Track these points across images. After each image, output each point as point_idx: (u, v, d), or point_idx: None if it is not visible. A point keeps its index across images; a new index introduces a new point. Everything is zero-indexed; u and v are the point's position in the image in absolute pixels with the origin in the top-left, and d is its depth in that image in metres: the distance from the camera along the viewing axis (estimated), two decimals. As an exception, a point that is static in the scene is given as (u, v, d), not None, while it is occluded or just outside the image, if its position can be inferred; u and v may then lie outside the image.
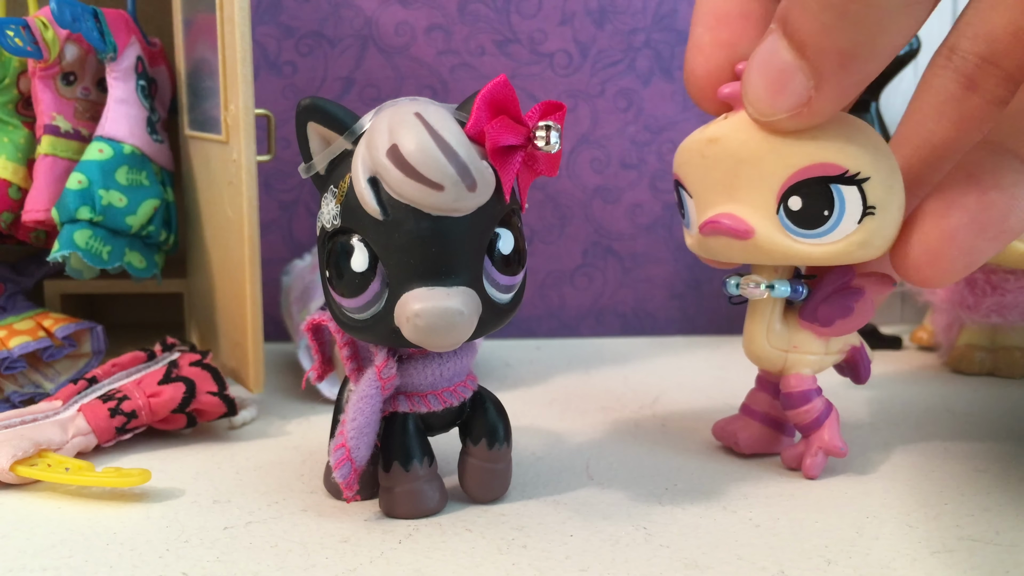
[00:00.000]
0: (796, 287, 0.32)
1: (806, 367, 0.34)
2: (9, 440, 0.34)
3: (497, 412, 0.32)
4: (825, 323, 0.33)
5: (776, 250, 0.30)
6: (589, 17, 0.56)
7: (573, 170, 0.58)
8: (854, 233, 0.29)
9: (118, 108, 0.46)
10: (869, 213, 0.28)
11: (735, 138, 0.29)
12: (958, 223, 0.26)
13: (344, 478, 0.29)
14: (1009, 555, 0.28)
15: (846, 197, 0.28)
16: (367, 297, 0.28)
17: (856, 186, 0.28)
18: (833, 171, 0.28)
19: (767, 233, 0.29)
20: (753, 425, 0.36)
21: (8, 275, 0.49)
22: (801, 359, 0.34)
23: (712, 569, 0.27)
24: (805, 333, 0.33)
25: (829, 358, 0.34)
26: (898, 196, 0.29)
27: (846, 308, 0.32)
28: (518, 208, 0.30)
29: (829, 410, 0.34)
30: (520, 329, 0.59)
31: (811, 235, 0.29)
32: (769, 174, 0.29)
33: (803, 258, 0.30)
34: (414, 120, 0.27)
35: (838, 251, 0.29)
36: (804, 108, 0.26)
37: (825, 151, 0.28)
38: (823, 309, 0.33)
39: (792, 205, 0.29)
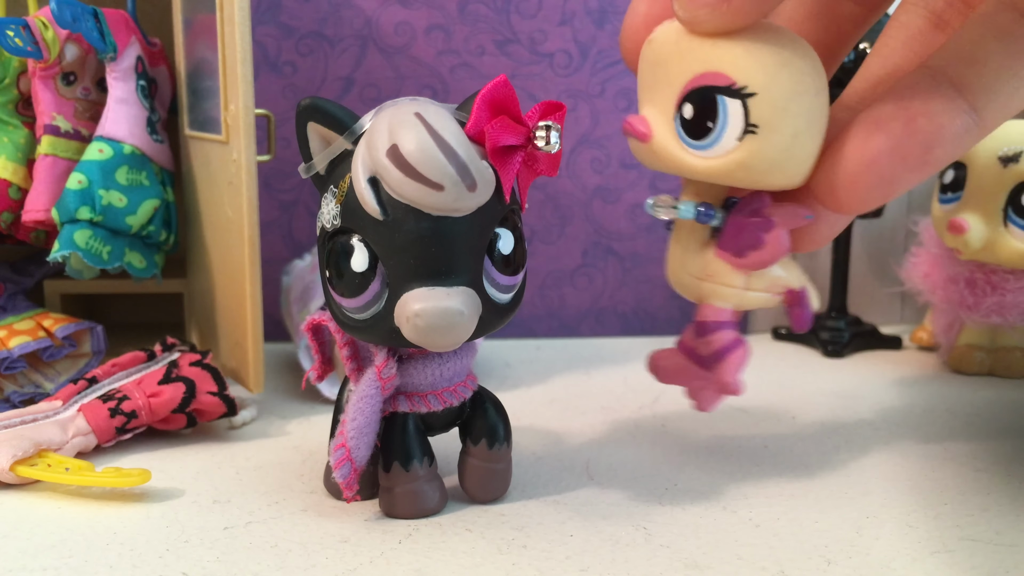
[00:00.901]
0: (702, 209, 0.30)
1: (722, 299, 0.31)
2: (9, 440, 0.34)
3: (497, 412, 0.32)
4: (736, 253, 0.30)
5: (668, 157, 0.28)
6: (589, 17, 0.56)
7: (573, 170, 0.58)
8: (734, 150, 0.27)
9: (118, 108, 0.46)
10: (750, 131, 0.26)
11: (661, 39, 0.28)
12: (880, 148, 0.25)
13: (344, 478, 0.29)
14: (1009, 555, 0.28)
15: (729, 110, 0.26)
16: (367, 297, 0.28)
17: (740, 100, 0.26)
18: (720, 81, 0.26)
19: (662, 138, 0.28)
20: (678, 356, 0.34)
21: (8, 275, 0.49)
22: (716, 290, 0.31)
23: (712, 569, 0.27)
24: (719, 262, 0.31)
25: (752, 295, 0.31)
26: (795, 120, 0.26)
27: (756, 239, 0.30)
28: (518, 208, 0.30)
29: (737, 345, 0.31)
30: (520, 329, 0.59)
31: (697, 146, 0.28)
32: (674, 78, 0.27)
33: (689, 169, 0.28)
34: (414, 120, 0.27)
35: (718, 167, 0.27)
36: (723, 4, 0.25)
37: (718, 60, 0.26)
38: (736, 239, 0.30)
39: (685, 112, 0.27)
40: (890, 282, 0.59)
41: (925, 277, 0.53)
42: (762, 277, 0.31)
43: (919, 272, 0.53)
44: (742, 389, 0.31)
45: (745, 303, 0.32)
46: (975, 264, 0.50)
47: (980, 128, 0.25)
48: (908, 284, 0.54)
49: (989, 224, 0.47)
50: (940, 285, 0.52)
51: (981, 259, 0.49)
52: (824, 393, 0.47)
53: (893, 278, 0.57)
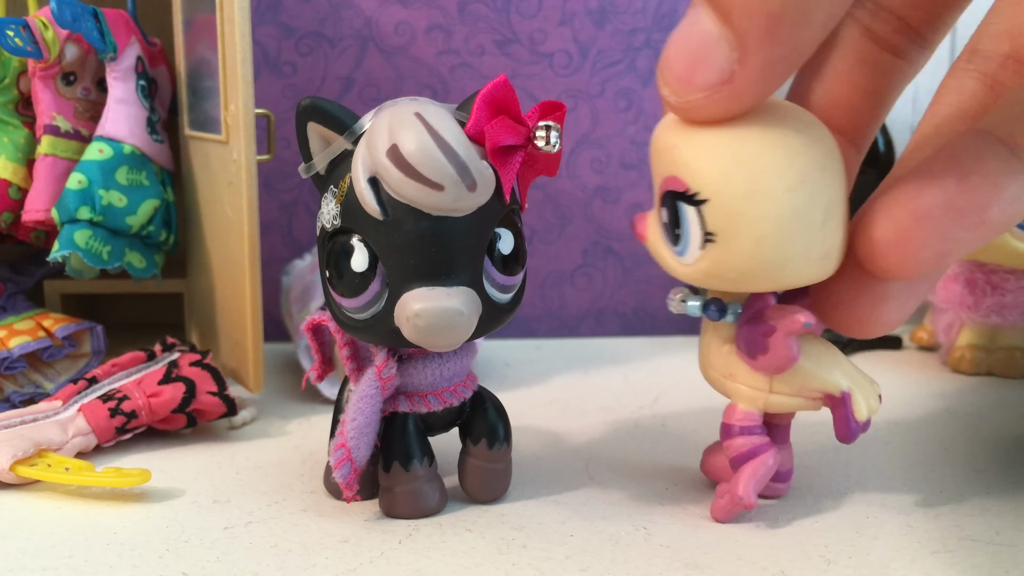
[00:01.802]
0: (711, 308, 0.29)
1: (743, 400, 0.30)
2: (9, 440, 0.34)
3: (497, 412, 0.32)
4: (748, 355, 0.29)
5: (661, 260, 0.28)
6: (589, 17, 0.56)
7: (573, 170, 0.58)
8: (700, 259, 0.26)
9: (118, 108, 0.46)
10: (708, 239, 0.25)
11: (658, 133, 0.26)
12: (932, 203, 0.23)
13: (344, 478, 0.29)
14: (1009, 555, 0.28)
15: (688, 218, 0.25)
16: (367, 297, 0.28)
17: (695, 208, 0.25)
18: (677, 186, 0.25)
19: (654, 241, 0.28)
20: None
21: (8, 275, 0.49)
22: (738, 390, 0.30)
23: (712, 569, 0.27)
24: (741, 363, 0.29)
25: (777, 398, 0.29)
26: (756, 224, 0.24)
27: (762, 344, 0.28)
28: (518, 208, 0.30)
29: (755, 454, 0.30)
30: (520, 329, 0.59)
31: (676, 252, 0.26)
32: (656, 178, 0.27)
33: (675, 273, 0.27)
34: (414, 120, 0.27)
35: (692, 274, 0.26)
36: (725, 86, 0.22)
37: (677, 163, 0.25)
38: (746, 340, 0.29)
39: (663, 216, 0.26)
40: (890, 282, 0.59)
41: (925, 277, 0.53)
42: (788, 380, 0.29)
43: (919, 272, 0.53)
44: (754, 504, 0.29)
45: (772, 407, 0.30)
46: (975, 264, 0.50)
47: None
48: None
49: (989, 224, 0.47)
50: (940, 285, 0.52)
51: (981, 259, 0.49)
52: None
53: (893, 278, 0.57)
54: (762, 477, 0.29)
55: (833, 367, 0.29)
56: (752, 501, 0.29)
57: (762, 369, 0.29)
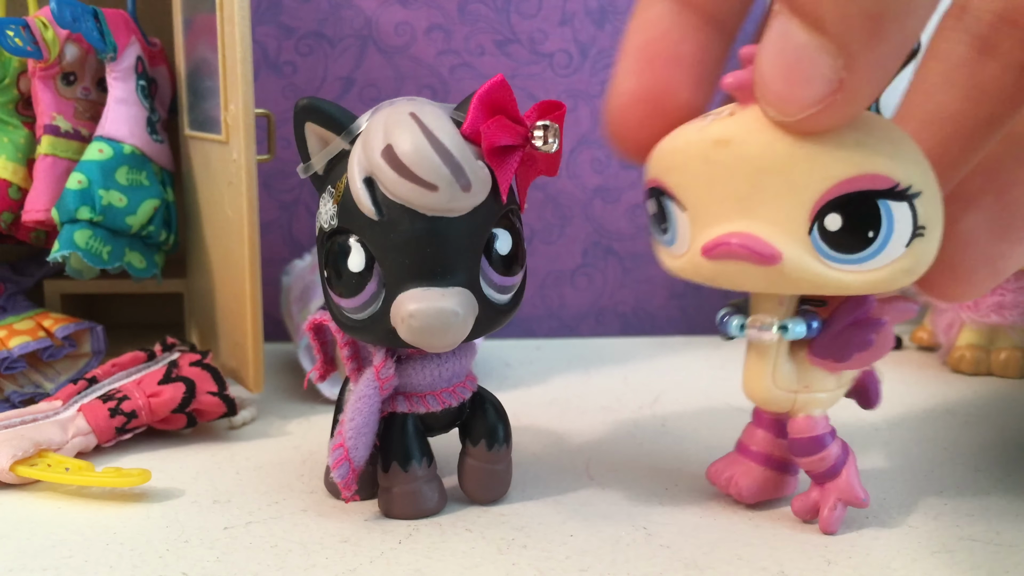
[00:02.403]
0: (811, 323, 0.28)
1: (818, 407, 0.30)
2: (9, 440, 0.34)
3: (497, 413, 0.32)
4: (841, 359, 0.28)
5: (806, 278, 0.24)
6: (589, 17, 0.56)
7: (573, 170, 0.58)
8: (901, 258, 0.24)
9: (118, 108, 0.46)
10: (919, 234, 0.24)
11: (755, 141, 0.24)
12: (975, 225, 0.23)
13: (342, 478, 0.29)
14: (1009, 555, 0.28)
15: (895, 216, 0.23)
16: (364, 297, 0.28)
17: (908, 202, 0.23)
18: (882, 184, 0.23)
19: (796, 258, 0.24)
20: (754, 469, 0.32)
21: (8, 275, 0.49)
22: (813, 399, 0.29)
23: (712, 569, 0.27)
24: (817, 371, 0.29)
25: (841, 391, 0.30)
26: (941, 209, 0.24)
27: (865, 341, 0.28)
28: (517, 208, 0.30)
29: (846, 455, 0.30)
30: (520, 329, 0.59)
31: (850, 260, 0.24)
32: (802, 187, 0.23)
33: (837, 287, 0.25)
34: (409, 120, 0.27)
35: (880, 279, 0.24)
36: (836, 95, 0.21)
37: (872, 160, 0.23)
38: (839, 343, 0.28)
39: (829, 225, 0.24)
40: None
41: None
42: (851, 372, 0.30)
43: (919, 272, 0.53)
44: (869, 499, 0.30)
45: (835, 402, 0.30)
46: (975, 264, 0.50)
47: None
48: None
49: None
50: (940, 285, 0.51)
51: (981, 259, 0.49)
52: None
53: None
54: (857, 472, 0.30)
55: None
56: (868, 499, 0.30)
57: (851, 367, 0.29)
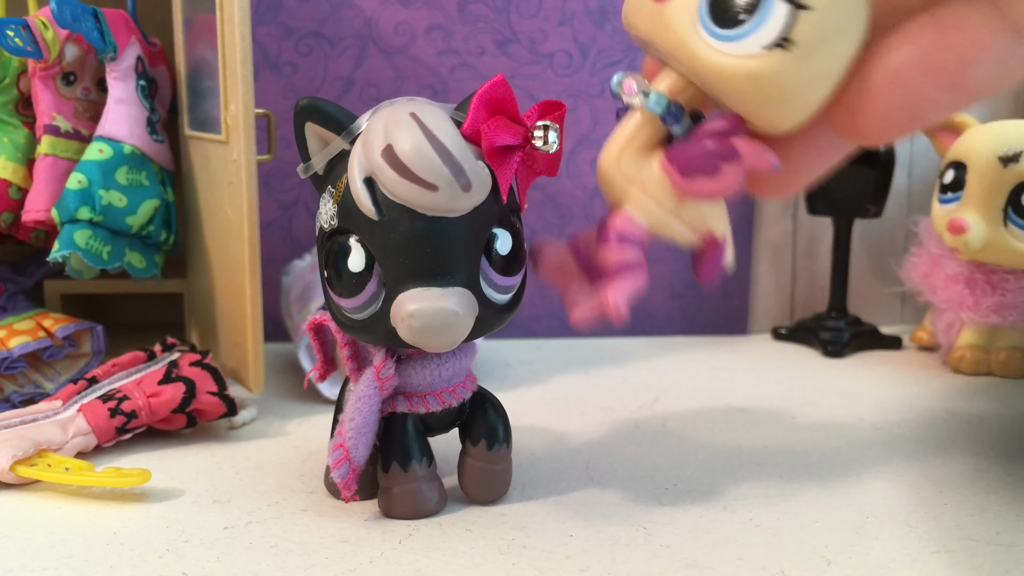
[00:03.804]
0: (674, 110, 0.26)
1: (643, 213, 0.27)
2: (9, 440, 0.34)
3: (497, 413, 0.32)
4: (684, 172, 0.26)
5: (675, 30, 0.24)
6: (589, 17, 0.56)
7: (573, 170, 0.58)
8: (754, 57, 0.23)
9: (118, 108, 0.46)
10: (782, 44, 0.23)
11: None
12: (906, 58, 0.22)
13: (342, 478, 0.29)
14: (1009, 555, 0.28)
15: (773, 9, 0.23)
16: (364, 297, 0.28)
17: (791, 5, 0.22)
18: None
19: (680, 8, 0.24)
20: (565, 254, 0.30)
21: (8, 275, 0.49)
22: (641, 201, 0.27)
23: (712, 569, 0.27)
24: (659, 175, 0.26)
25: (673, 221, 0.27)
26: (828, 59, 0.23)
27: (713, 165, 0.26)
28: (517, 208, 0.30)
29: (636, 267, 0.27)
30: (520, 329, 0.59)
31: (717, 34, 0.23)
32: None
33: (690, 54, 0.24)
34: (409, 120, 0.27)
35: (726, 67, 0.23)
36: None
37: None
38: (687, 155, 0.26)
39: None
40: (890, 282, 0.59)
41: (925, 277, 0.53)
42: (693, 209, 0.27)
43: (919, 272, 0.53)
44: (624, 315, 0.27)
45: (664, 228, 0.27)
46: (975, 264, 0.50)
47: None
48: (908, 284, 0.54)
49: (989, 224, 0.47)
50: (940, 285, 0.52)
51: (981, 259, 0.49)
52: (824, 393, 0.47)
53: (893, 278, 0.57)
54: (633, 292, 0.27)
55: (723, 211, 0.28)
56: (626, 313, 0.27)
57: (688, 190, 0.26)
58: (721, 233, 0.28)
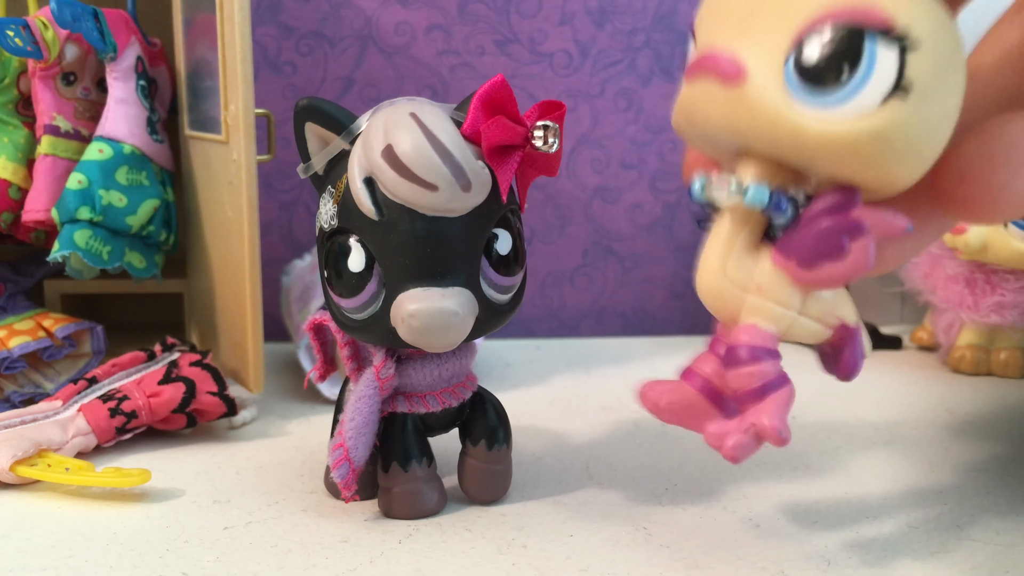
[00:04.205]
0: (779, 198, 0.23)
1: (767, 319, 0.24)
2: (9, 440, 0.34)
3: (497, 413, 0.32)
4: (805, 262, 0.23)
5: (764, 108, 0.21)
6: (589, 17, 0.56)
7: (573, 170, 0.58)
8: (873, 113, 0.21)
9: (118, 108, 0.46)
10: (900, 91, 0.20)
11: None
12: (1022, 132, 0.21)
13: (342, 478, 0.29)
14: (1009, 555, 0.28)
15: (878, 58, 0.20)
16: (364, 297, 0.28)
17: (898, 49, 0.20)
18: (873, 19, 0.20)
19: (760, 82, 0.21)
20: (686, 390, 0.27)
21: (8, 275, 0.49)
22: (762, 306, 0.24)
23: (712, 569, 0.27)
24: (776, 272, 0.24)
25: (802, 321, 0.25)
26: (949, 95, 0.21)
27: (837, 246, 0.23)
28: (517, 208, 0.30)
29: (781, 383, 0.25)
30: (520, 329, 0.59)
31: (815, 98, 0.21)
32: (795, 10, 0.21)
33: (791, 127, 0.21)
34: (409, 120, 0.27)
35: (842, 132, 0.21)
36: None
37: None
38: (806, 242, 0.23)
39: (807, 54, 0.21)
40: (890, 282, 0.59)
41: (925, 277, 0.53)
42: (821, 301, 0.25)
43: (919, 272, 0.53)
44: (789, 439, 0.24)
45: (794, 331, 0.25)
46: (975, 264, 0.50)
47: None
48: (908, 284, 0.54)
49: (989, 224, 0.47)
50: (940, 285, 0.52)
51: (981, 259, 0.49)
52: (824, 393, 0.47)
53: (893, 278, 0.57)
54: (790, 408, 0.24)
55: (848, 297, 0.26)
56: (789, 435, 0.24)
57: (815, 281, 0.23)
58: (854, 321, 0.26)
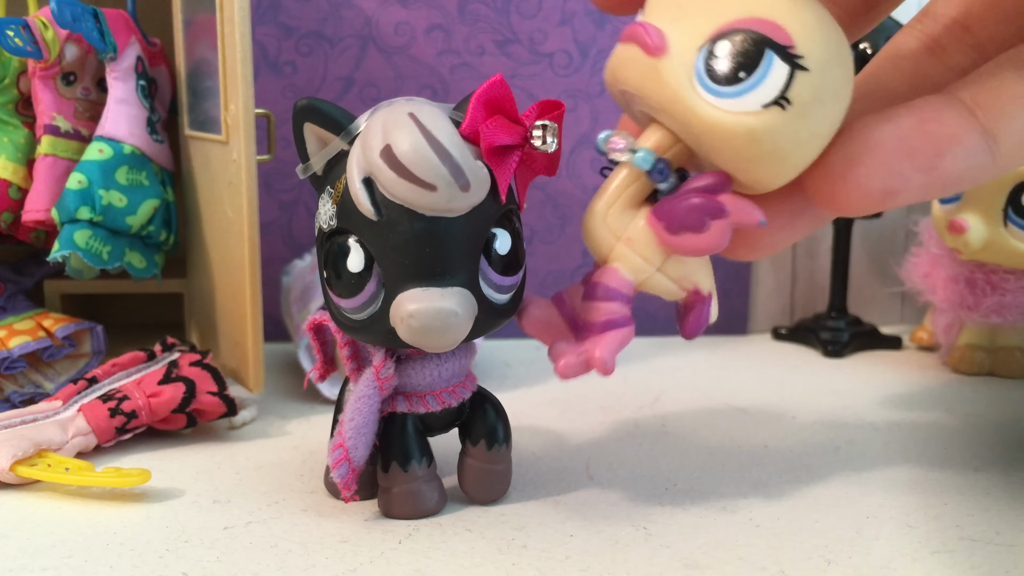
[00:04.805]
0: (662, 167, 0.27)
1: (630, 269, 0.28)
2: (9, 440, 0.34)
3: (496, 413, 0.32)
4: (671, 228, 0.27)
5: (671, 85, 0.24)
6: (589, 17, 0.56)
7: (573, 170, 0.58)
8: (753, 114, 0.24)
9: (118, 108, 0.46)
10: (780, 103, 0.23)
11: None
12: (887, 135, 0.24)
13: (342, 478, 0.29)
14: (1009, 555, 0.28)
15: (772, 71, 0.23)
16: (364, 298, 0.28)
17: (790, 67, 0.23)
18: (779, 37, 0.23)
19: (675, 61, 0.24)
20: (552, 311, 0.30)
21: (8, 275, 0.49)
22: (627, 256, 0.27)
23: (712, 569, 0.27)
24: (646, 230, 0.27)
25: (659, 278, 0.28)
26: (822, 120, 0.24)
27: (699, 221, 0.26)
28: (516, 208, 0.30)
29: (623, 324, 0.28)
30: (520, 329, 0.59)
31: (711, 89, 0.24)
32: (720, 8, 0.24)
33: (686, 108, 0.24)
34: (407, 120, 0.27)
35: (722, 121, 0.24)
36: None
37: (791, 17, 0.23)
38: (675, 211, 0.26)
39: (718, 49, 0.24)
40: (890, 282, 0.59)
41: (925, 277, 0.53)
42: (681, 264, 0.28)
43: (919, 272, 0.53)
44: (611, 369, 0.28)
45: (651, 285, 0.28)
46: (975, 264, 0.50)
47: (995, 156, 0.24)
48: (908, 284, 0.54)
49: (989, 224, 0.47)
50: (940, 285, 0.52)
51: (981, 259, 0.49)
52: (824, 393, 0.47)
53: (893, 278, 0.57)
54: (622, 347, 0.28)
55: (708, 266, 0.29)
56: (613, 367, 0.28)
57: (676, 246, 0.27)
58: (707, 289, 0.29)
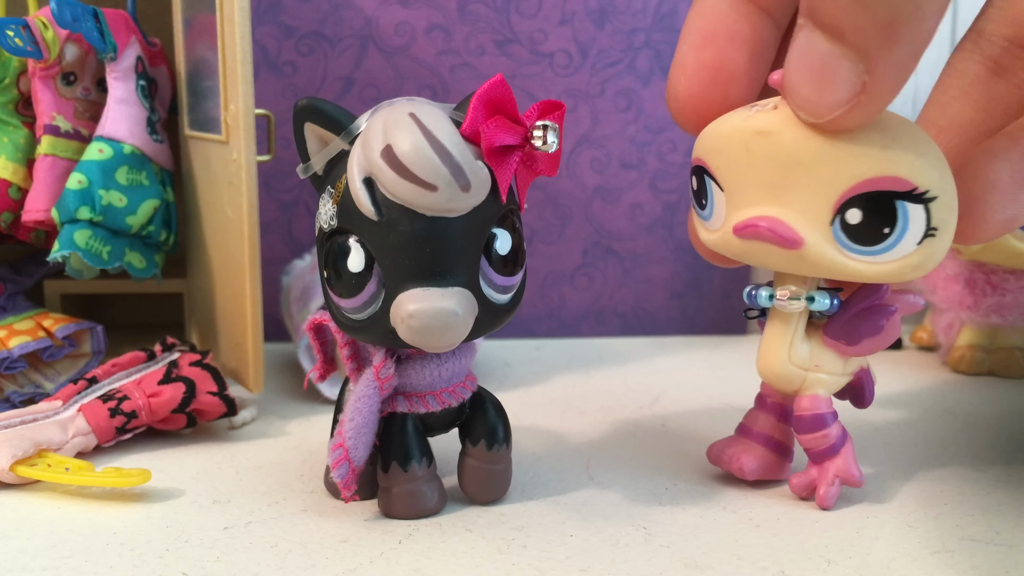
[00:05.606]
0: (833, 299, 0.30)
1: (823, 388, 0.31)
2: (9, 440, 0.34)
3: (496, 413, 0.32)
4: (853, 342, 0.30)
5: (824, 264, 0.27)
6: (589, 17, 0.56)
7: (573, 170, 0.58)
8: (912, 254, 0.26)
9: (118, 108, 0.46)
10: (930, 235, 0.26)
11: (791, 135, 0.26)
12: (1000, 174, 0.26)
13: (342, 478, 0.29)
14: (1009, 555, 0.28)
15: (911, 216, 0.26)
16: (364, 298, 0.28)
17: (923, 205, 0.26)
18: (902, 187, 0.25)
19: (817, 245, 0.27)
20: (756, 448, 0.34)
21: (8, 275, 0.49)
22: (822, 379, 0.31)
23: (712, 569, 0.27)
24: (829, 352, 0.31)
25: (844, 379, 0.32)
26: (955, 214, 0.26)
27: (876, 326, 0.30)
28: (516, 208, 0.30)
29: (845, 436, 0.32)
30: (520, 329, 0.59)
31: (865, 252, 0.27)
32: (828, 181, 0.26)
33: (851, 274, 0.27)
34: (408, 120, 0.27)
35: (891, 271, 0.27)
36: (860, 97, 0.24)
37: (895, 163, 0.25)
38: (852, 326, 0.30)
39: (850, 218, 0.26)
40: (890, 282, 0.59)
41: (925, 277, 0.53)
42: (856, 360, 0.32)
43: (919, 272, 0.53)
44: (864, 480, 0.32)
45: (837, 388, 0.32)
46: (975, 264, 0.50)
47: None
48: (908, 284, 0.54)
49: (989, 224, 0.47)
50: (940, 285, 0.52)
51: (981, 259, 0.49)
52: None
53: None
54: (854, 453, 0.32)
55: None
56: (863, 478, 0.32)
57: (858, 353, 0.31)
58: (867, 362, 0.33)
